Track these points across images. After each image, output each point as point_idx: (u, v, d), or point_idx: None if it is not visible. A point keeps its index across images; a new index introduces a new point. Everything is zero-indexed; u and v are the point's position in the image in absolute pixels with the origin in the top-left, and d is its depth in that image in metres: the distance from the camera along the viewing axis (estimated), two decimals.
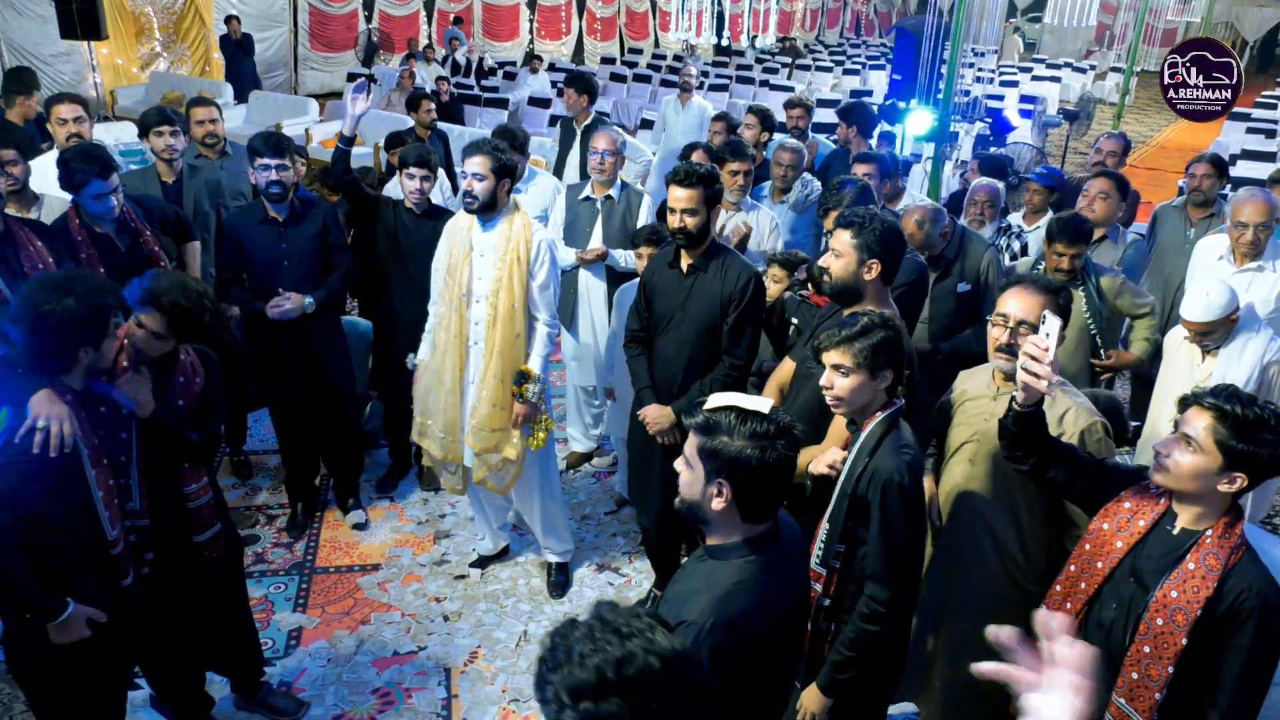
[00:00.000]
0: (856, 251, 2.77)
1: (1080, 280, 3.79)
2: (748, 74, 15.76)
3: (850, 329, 2.33)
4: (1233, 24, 26.36)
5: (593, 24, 21.33)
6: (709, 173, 3.24)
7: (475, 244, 3.56)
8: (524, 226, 3.55)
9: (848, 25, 29.47)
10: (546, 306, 3.61)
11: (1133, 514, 2.16)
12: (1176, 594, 2.02)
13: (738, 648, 1.74)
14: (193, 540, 2.83)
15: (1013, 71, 17.90)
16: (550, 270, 3.60)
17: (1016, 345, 2.51)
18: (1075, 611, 2.20)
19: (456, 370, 3.64)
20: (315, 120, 11.02)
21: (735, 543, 1.82)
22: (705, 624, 1.71)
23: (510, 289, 3.52)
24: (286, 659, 3.55)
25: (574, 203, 4.52)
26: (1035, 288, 2.56)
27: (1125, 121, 15.88)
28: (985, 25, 16.27)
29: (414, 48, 14.88)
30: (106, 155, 3.52)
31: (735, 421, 1.76)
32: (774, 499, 1.83)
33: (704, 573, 1.83)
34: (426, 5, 17.78)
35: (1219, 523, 2.05)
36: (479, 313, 3.57)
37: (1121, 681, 2.09)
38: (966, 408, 2.74)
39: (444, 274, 3.65)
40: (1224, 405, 1.98)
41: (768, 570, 1.81)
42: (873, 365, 2.31)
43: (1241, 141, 11.64)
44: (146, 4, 12.84)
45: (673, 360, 3.39)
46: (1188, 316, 3.31)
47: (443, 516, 4.49)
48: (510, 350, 3.55)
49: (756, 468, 1.74)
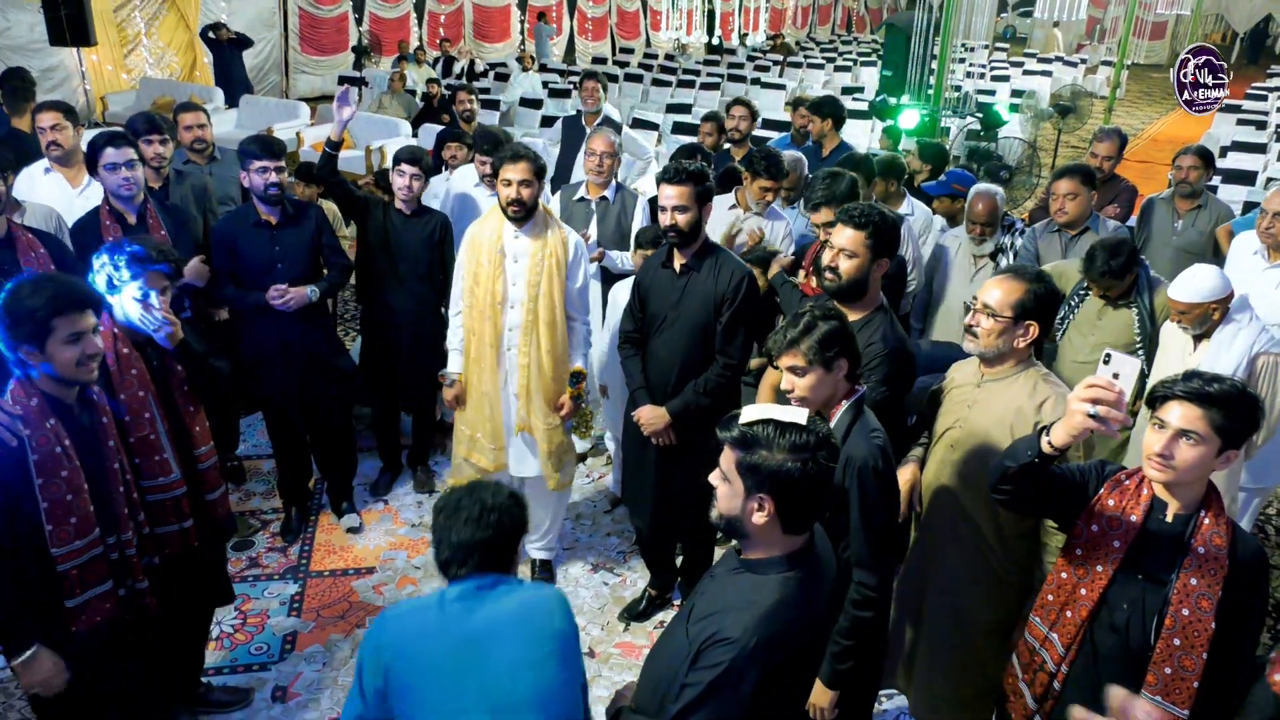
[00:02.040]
0: (870, 251, 2.78)
1: (1133, 300, 3.64)
2: (739, 72, 15.75)
3: (794, 330, 2.33)
4: (1222, 16, 26.41)
5: (584, 24, 21.33)
6: (699, 170, 3.23)
7: (508, 250, 3.56)
8: (558, 228, 3.60)
9: (839, 22, 29.50)
10: (584, 305, 3.69)
11: (1121, 512, 2.14)
12: (1196, 580, 2.02)
13: (779, 665, 1.73)
14: (205, 499, 2.88)
15: (1004, 66, 17.92)
16: (586, 269, 3.67)
17: (977, 328, 2.55)
18: (1081, 619, 2.17)
19: (494, 377, 3.65)
20: (306, 124, 11.00)
21: (775, 558, 1.78)
22: (749, 643, 1.68)
23: (551, 293, 3.55)
24: (281, 664, 3.54)
25: (569, 203, 4.51)
26: (1007, 275, 2.57)
27: (1116, 115, 15.90)
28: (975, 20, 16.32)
29: (404, 50, 14.87)
30: (125, 131, 3.72)
31: (774, 434, 1.73)
32: (816, 510, 1.80)
33: (743, 588, 1.79)
34: (417, 8, 17.77)
35: (1209, 500, 2.07)
36: (514, 318, 3.58)
37: (1153, 679, 2.07)
38: (953, 395, 2.75)
39: (469, 284, 3.63)
40: (1206, 389, 1.99)
41: (806, 585, 1.78)
42: (825, 359, 2.31)
43: (1232, 133, 11.65)
44: (132, 10, 12.82)
45: (666, 360, 3.39)
46: (1171, 294, 3.33)
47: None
48: (558, 352, 3.62)
49: (799, 480, 1.71)
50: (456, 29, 18.59)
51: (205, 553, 2.94)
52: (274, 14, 15.13)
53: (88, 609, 2.42)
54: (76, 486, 2.35)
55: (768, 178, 4.17)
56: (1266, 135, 11.62)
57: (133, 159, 3.63)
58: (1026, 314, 2.52)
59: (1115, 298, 3.64)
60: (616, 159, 4.42)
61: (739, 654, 1.68)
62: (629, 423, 3.52)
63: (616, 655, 3.64)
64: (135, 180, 3.64)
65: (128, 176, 3.61)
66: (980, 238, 4.35)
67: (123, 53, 12.95)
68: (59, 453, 2.32)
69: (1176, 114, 18.18)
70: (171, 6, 13.37)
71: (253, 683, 3.43)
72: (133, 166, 3.63)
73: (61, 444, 2.33)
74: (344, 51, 16.35)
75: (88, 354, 2.33)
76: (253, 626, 3.73)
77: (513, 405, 3.69)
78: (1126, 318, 3.64)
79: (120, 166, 3.59)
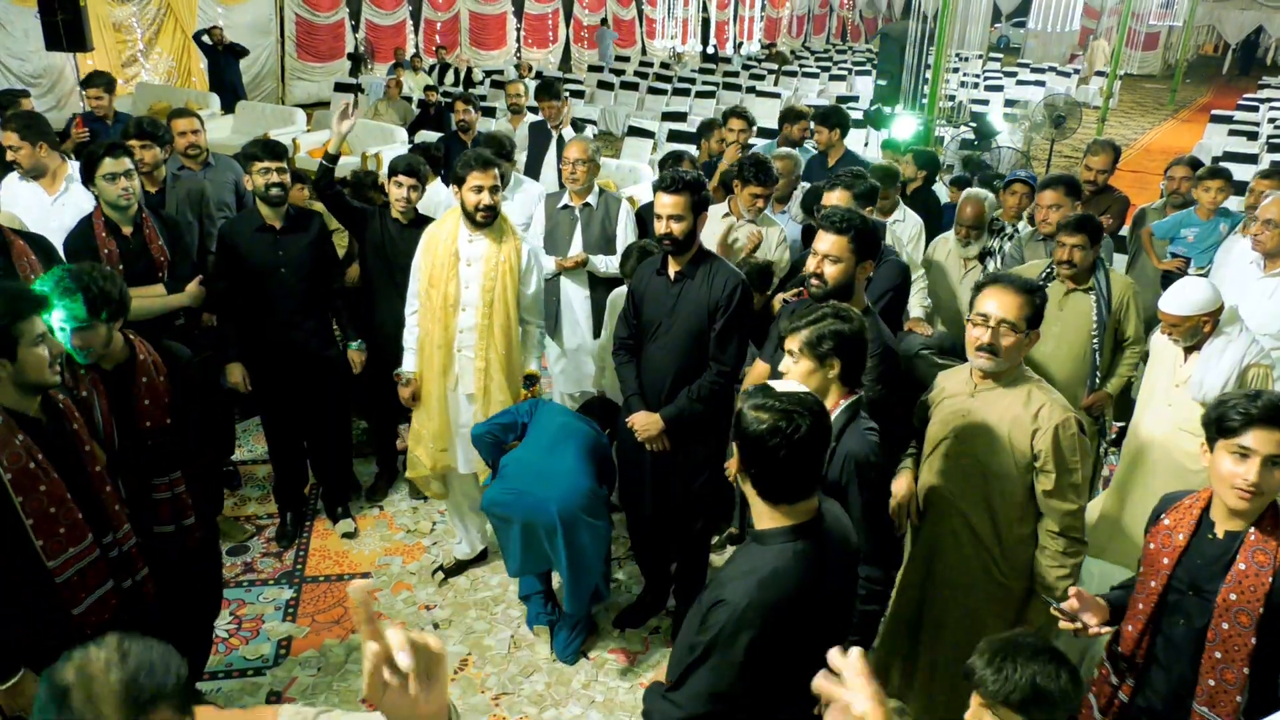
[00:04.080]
0: (854, 255, 2.83)
1: (1091, 285, 3.74)
2: (734, 80, 15.81)
3: (805, 317, 2.40)
4: (1214, 27, 26.60)
5: (579, 31, 21.39)
6: (696, 179, 3.26)
7: (462, 253, 3.60)
8: (512, 235, 3.67)
9: (833, 31, 29.64)
10: (539, 311, 3.79)
11: (1172, 529, 2.18)
12: (1235, 596, 2.04)
13: (772, 631, 1.81)
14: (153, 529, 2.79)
15: (997, 76, 18.02)
16: (539, 276, 3.75)
17: (998, 345, 2.54)
18: (1138, 631, 2.22)
19: (442, 378, 3.71)
20: (303, 130, 11.00)
21: (780, 529, 1.87)
22: (741, 605, 1.79)
23: (505, 298, 3.63)
24: (276, 668, 3.54)
25: (553, 211, 4.53)
26: (1013, 287, 2.58)
27: (1109, 125, 15.99)
28: (969, 30, 16.41)
29: (401, 57, 14.90)
30: (122, 141, 3.77)
31: (753, 404, 1.83)
32: (790, 479, 1.84)
33: (748, 556, 1.90)
34: (413, 15, 17.81)
35: (1264, 517, 2.06)
36: (466, 320, 3.63)
37: (1200, 690, 2.11)
38: (944, 405, 2.77)
39: (424, 284, 3.70)
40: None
41: (807, 558, 1.85)
42: (817, 353, 2.36)
43: (1224, 144, 11.74)
44: (128, 16, 12.82)
45: (661, 367, 3.40)
46: (1162, 307, 3.36)
47: (432, 525, 4.49)
48: (511, 357, 3.70)
49: (770, 446, 1.79)
50: (453, 36, 18.64)
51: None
52: (270, 20, 15.16)
53: (94, 610, 2.40)
54: (59, 497, 2.30)
55: (757, 184, 4.17)
56: (1258, 146, 11.71)
57: (130, 169, 3.64)
58: (1030, 324, 2.57)
59: (1073, 277, 3.72)
60: (594, 164, 4.43)
61: (731, 615, 1.79)
62: (624, 429, 3.54)
63: (612, 661, 3.65)
64: (133, 190, 3.65)
65: (126, 187, 3.62)
66: (966, 240, 4.45)
67: (119, 58, 12.95)
68: (33, 468, 2.26)
69: (1169, 124, 18.31)
70: (169, 12, 13.38)
71: (247, 687, 3.44)
72: (130, 176, 3.64)
73: (34, 458, 2.27)
74: (340, 58, 16.39)
75: (54, 353, 2.31)
76: (248, 631, 3.73)
77: (464, 406, 3.75)
78: (1085, 305, 3.74)
79: (119, 177, 3.60)
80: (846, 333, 2.37)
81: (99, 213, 3.69)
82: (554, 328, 4.58)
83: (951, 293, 4.50)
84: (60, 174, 4.21)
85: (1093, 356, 3.78)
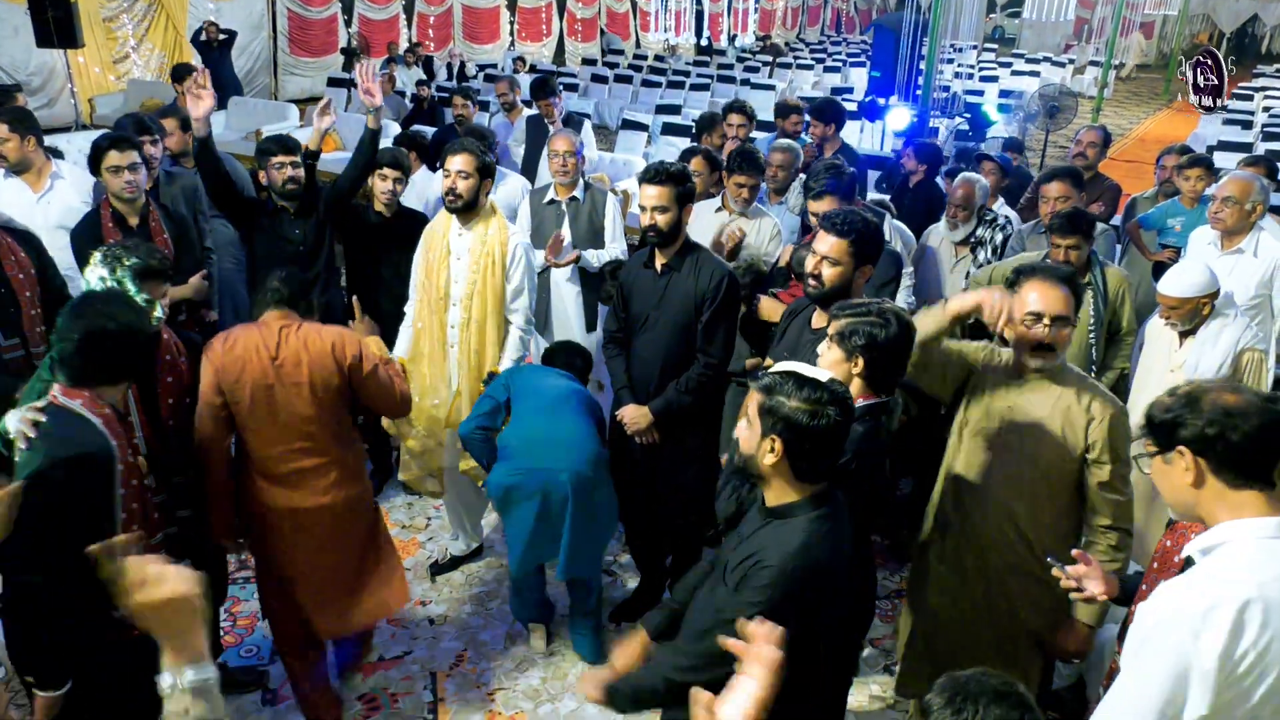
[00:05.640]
0: (853, 260, 2.78)
1: (1088, 280, 3.71)
2: (729, 73, 15.78)
3: (850, 308, 2.41)
4: (1209, 16, 26.58)
5: (573, 25, 21.34)
6: (680, 171, 3.24)
7: (452, 247, 3.59)
8: (500, 229, 3.60)
9: (828, 23, 29.60)
10: (522, 310, 3.67)
11: (1188, 529, 2.12)
12: None
13: (813, 592, 1.91)
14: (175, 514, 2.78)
15: (992, 66, 18.01)
16: (525, 273, 3.64)
17: (1058, 343, 2.55)
18: None
19: (437, 373, 3.69)
20: (295, 125, 10.95)
21: (796, 501, 1.95)
22: (787, 566, 1.88)
23: (485, 293, 3.57)
24: (272, 665, 3.53)
25: (539, 206, 4.49)
26: (1053, 279, 2.57)
27: (1104, 115, 15.99)
28: (964, 21, 16.39)
29: (393, 52, 14.84)
30: (130, 134, 3.77)
31: (792, 384, 1.91)
32: (822, 462, 1.95)
33: (770, 533, 1.96)
34: (406, 9, 17.75)
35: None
36: (455, 316, 3.61)
37: None
38: (984, 384, 2.71)
39: (422, 277, 3.68)
40: None
41: (831, 522, 1.95)
42: (846, 346, 2.35)
43: (1218, 133, 11.74)
44: (118, 12, 12.77)
45: (649, 360, 3.39)
46: (1162, 290, 3.36)
47: (427, 521, 4.48)
48: (489, 353, 3.64)
49: (807, 427, 1.87)
50: (446, 30, 18.58)
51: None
52: (263, 15, 15.10)
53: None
54: (139, 493, 2.33)
55: (742, 173, 4.14)
56: (1252, 135, 11.71)
57: (136, 162, 3.65)
58: (1076, 313, 2.59)
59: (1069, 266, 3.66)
60: (580, 157, 4.41)
61: (775, 575, 1.88)
62: (615, 422, 3.53)
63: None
64: (138, 183, 3.66)
65: (131, 179, 3.64)
66: (954, 221, 4.42)
67: (111, 55, 12.90)
68: (131, 460, 2.28)
69: (1164, 114, 18.31)
70: (160, 9, 13.32)
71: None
72: (136, 169, 3.65)
73: (133, 452, 2.28)
74: (333, 53, 16.32)
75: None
76: (242, 629, 3.72)
77: (451, 401, 3.73)
78: (1083, 300, 3.70)
79: (124, 169, 3.61)
80: (880, 337, 2.32)
81: (107, 204, 3.72)
82: (544, 324, 4.56)
83: (937, 280, 4.48)
84: (45, 171, 4.20)
85: (1090, 351, 3.78)
